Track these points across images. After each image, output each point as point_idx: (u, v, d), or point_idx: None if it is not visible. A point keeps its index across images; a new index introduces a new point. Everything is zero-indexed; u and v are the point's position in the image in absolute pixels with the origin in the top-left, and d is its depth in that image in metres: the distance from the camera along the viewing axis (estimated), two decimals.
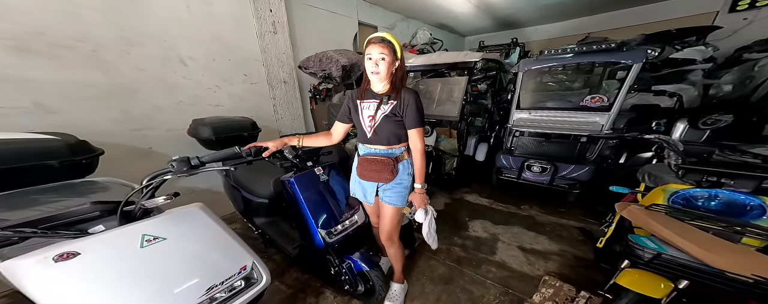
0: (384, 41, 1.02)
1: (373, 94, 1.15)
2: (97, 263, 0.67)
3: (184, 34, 2.06)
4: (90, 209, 0.70)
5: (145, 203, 0.77)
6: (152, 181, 0.79)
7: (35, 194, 1.04)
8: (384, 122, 1.13)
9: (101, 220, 0.74)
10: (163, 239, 0.77)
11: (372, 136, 1.17)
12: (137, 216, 0.80)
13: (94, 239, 0.70)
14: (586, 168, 2.23)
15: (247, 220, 1.99)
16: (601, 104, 2.21)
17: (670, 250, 0.92)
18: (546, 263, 1.79)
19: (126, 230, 0.75)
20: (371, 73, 1.06)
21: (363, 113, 1.18)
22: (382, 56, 1.02)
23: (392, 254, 1.39)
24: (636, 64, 1.99)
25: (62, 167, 1.15)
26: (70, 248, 0.65)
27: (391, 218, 1.26)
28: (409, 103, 1.09)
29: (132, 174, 1.59)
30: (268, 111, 2.82)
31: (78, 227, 0.71)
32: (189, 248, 0.81)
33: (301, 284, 1.64)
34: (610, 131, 2.20)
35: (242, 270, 0.87)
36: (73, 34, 1.58)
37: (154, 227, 0.78)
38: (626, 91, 2.08)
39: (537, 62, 2.41)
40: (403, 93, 1.10)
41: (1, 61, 1.38)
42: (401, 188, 1.21)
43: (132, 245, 0.73)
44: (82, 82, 1.64)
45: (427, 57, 2.97)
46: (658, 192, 1.30)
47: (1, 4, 1.36)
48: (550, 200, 2.65)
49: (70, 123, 1.60)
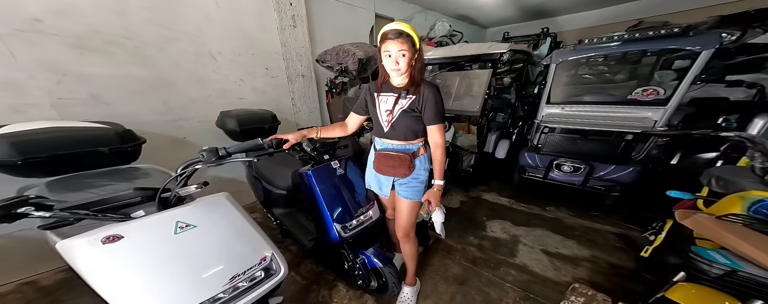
0: (402, 36, 0.95)
1: (391, 88, 1.12)
2: (138, 246, 0.74)
3: (213, 30, 2.17)
4: (133, 194, 0.77)
5: (179, 190, 0.83)
6: (185, 169, 0.86)
7: (89, 178, 1.18)
8: (401, 117, 1.10)
9: (142, 205, 0.82)
10: (194, 227, 0.84)
11: (389, 130, 1.15)
12: (172, 203, 0.87)
13: (136, 224, 0.78)
14: (629, 169, 2.01)
15: (267, 210, 2.09)
16: (656, 98, 1.95)
17: (749, 267, 0.81)
18: (574, 269, 1.68)
19: (163, 216, 0.82)
20: (391, 70, 1.02)
21: (380, 107, 1.15)
22: (402, 53, 0.97)
23: (407, 251, 1.38)
24: (705, 51, 1.70)
25: (111, 153, 1.28)
26: (116, 231, 0.73)
27: (408, 212, 1.25)
28: (429, 99, 1.05)
29: (168, 162, 1.74)
30: (287, 104, 2.91)
31: (122, 210, 0.79)
32: (216, 236, 0.87)
33: (315, 276, 1.69)
34: (666, 128, 1.94)
35: (263, 260, 0.92)
36: (121, 32, 1.73)
37: (186, 214, 0.85)
38: (690, 83, 1.81)
39: (574, 53, 2.19)
40: (423, 87, 1.05)
41: (66, 57, 1.56)
42: (417, 183, 1.19)
43: (168, 231, 0.80)
44: (129, 76, 1.81)
45: (448, 49, 2.84)
46: (733, 200, 1.12)
47: (64, 3, 1.52)
48: (580, 203, 2.46)
49: (119, 114, 1.77)
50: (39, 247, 1.52)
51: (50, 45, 1.50)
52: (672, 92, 1.87)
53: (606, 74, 2.36)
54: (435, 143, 1.10)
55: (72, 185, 1.11)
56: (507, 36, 5.30)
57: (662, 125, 1.93)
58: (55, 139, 1.12)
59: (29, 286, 1.57)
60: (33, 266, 1.62)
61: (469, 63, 2.77)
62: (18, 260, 1.56)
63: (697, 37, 1.75)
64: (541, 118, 2.45)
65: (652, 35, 1.84)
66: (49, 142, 1.10)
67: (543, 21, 5.34)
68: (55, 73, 1.54)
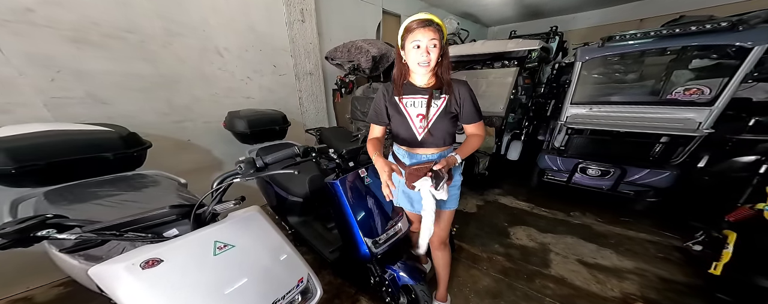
0: (432, 24, 0.86)
1: (416, 89, 1.00)
2: (179, 270, 0.64)
3: (220, 24, 2.03)
4: (169, 212, 0.65)
5: (216, 207, 0.72)
6: (222, 184, 0.74)
7: (93, 186, 1.04)
8: (439, 121, 0.99)
9: (175, 224, 0.70)
10: (233, 247, 0.72)
11: (425, 137, 1.02)
12: (207, 220, 0.75)
13: (174, 245, 0.67)
14: (666, 173, 1.91)
15: (280, 217, 1.96)
16: (700, 97, 1.83)
17: None
18: (621, 283, 1.56)
19: (200, 235, 0.71)
20: (418, 65, 0.90)
21: (409, 112, 1.02)
22: (433, 42, 0.86)
23: (440, 260, 1.29)
24: (758, 47, 1.58)
25: (116, 159, 1.15)
26: (154, 255, 0.62)
27: (447, 222, 1.17)
28: (465, 96, 0.97)
29: (172, 166, 1.60)
30: (294, 103, 2.78)
31: (154, 230, 0.68)
32: (255, 257, 0.76)
33: (335, 289, 1.57)
34: (712, 130, 1.82)
35: (300, 283, 0.81)
36: (123, 25, 1.58)
37: (224, 232, 0.74)
38: (740, 81, 1.68)
39: (603, 50, 2.07)
40: (455, 85, 0.97)
41: (60, 51, 1.40)
42: (455, 190, 1.11)
43: (207, 252, 0.69)
44: (130, 73, 1.65)
45: (470, 46, 2.73)
46: None
47: None
48: (607, 208, 2.37)
49: (119, 114, 1.62)
50: (33, 259, 1.37)
51: (43, 38, 1.34)
52: (719, 91, 1.75)
53: (638, 73, 2.25)
54: (478, 136, 1.02)
55: (75, 196, 0.97)
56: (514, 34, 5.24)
57: (707, 127, 1.82)
58: (52, 144, 0.98)
59: (22, 303, 1.42)
60: (26, 280, 1.46)
61: (490, 61, 2.67)
62: (8, 274, 1.39)
63: (749, 32, 1.63)
64: (566, 119, 2.35)
65: (695, 30, 1.72)
66: (46, 147, 0.96)
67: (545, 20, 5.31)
68: (49, 69, 1.38)
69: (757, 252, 1.20)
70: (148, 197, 1.05)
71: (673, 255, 1.79)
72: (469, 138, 1.02)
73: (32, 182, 0.96)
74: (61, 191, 0.98)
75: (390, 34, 3.94)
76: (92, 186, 1.04)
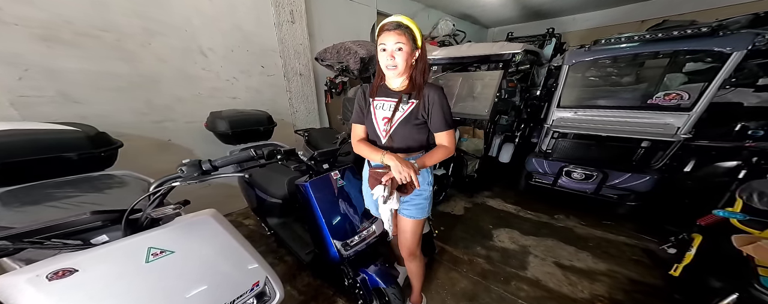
0: (400, 27, 0.84)
1: (389, 92, 0.98)
2: (96, 280, 0.60)
3: (204, 24, 2.00)
4: (90, 219, 0.62)
5: (151, 212, 0.69)
6: (160, 187, 0.70)
7: (51, 187, 1.01)
8: (402, 126, 0.96)
9: (106, 229, 0.67)
10: (171, 253, 0.69)
11: (387, 142, 1.00)
12: (144, 225, 0.72)
13: (95, 253, 0.63)
14: (646, 177, 1.92)
15: (260, 219, 1.94)
16: (679, 102, 1.84)
17: None
18: (591, 285, 1.57)
19: (130, 241, 0.67)
20: (387, 68, 0.89)
21: (376, 114, 1.00)
22: (399, 46, 0.84)
23: (413, 270, 1.26)
24: (737, 53, 1.59)
25: (80, 159, 1.12)
26: (67, 265, 0.58)
27: (412, 232, 1.12)
28: (434, 102, 0.92)
29: (151, 167, 1.57)
30: (284, 104, 2.75)
31: (81, 236, 0.64)
32: (198, 262, 0.73)
33: (312, 291, 1.56)
34: (690, 135, 1.84)
35: (255, 286, 0.79)
36: (98, 23, 1.55)
37: (161, 238, 0.71)
38: (718, 87, 1.70)
39: (590, 53, 2.07)
40: (426, 90, 0.93)
41: (29, 49, 1.38)
42: (421, 199, 1.06)
43: (136, 260, 0.65)
44: (105, 72, 1.63)
45: (456, 49, 2.72)
46: None
47: None
48: (591, 211, 2.37)
49: (93, 114, 1.60)
50: None
51: (10, 35, 1.31)
52: (697, 97, 1.77)
53: (623, 77, 2.25)
54: (444, 148, 0.96)
55: (29, 197, 0.94)
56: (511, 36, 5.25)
57: (685, 132, 1.83)
58: (10, 143, 0.96)
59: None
60: None
61: (477, 64, 2.66)
62: None
63: (728, 38, 1.64)
64: (551, 122, 2.35)
65: (677, 35, 1.73)
66: (2, 147, 0.94)
67: (545, 22, 5.30)
68: (16, 67, 1.35)
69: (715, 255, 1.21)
70: (110, 198, 1.03)
71: (646, 258, 1.80)
72: (436, 148, 0.97)
73: None
74: (16, 192, 0.96)
75: None
76: (51, 187, 1.01)
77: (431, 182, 1.07)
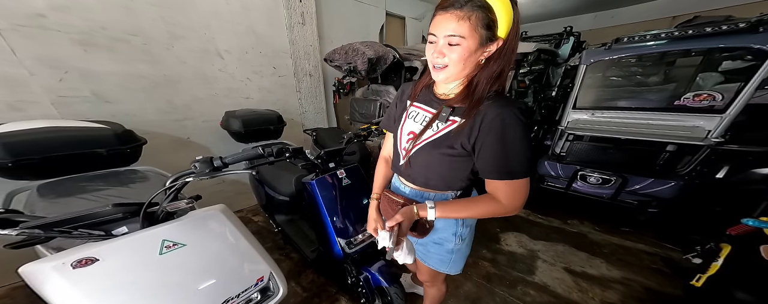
0: (466, 6, 0.50)
1: (430, 98, 0.69)
2: (115, 270, 0.66)
3: (221, 27, 2.10)
4: (112, 211, 0.68)
5: (166, 206, 0.74)
6: (175, 182, 0.76)
7: (83, 181, 1.12)
8: (427, 151, 0.67)
9: (126, 221, 0.74)
10: (183, 246, 0.75)
11: (404, 165, 0.73)
12: (160, 218, 0.78)
13: (114, 244, 0.69)
14: (671, 183, 1.80)
15: (268, 216, 2.01)
16: (711, 104, 1.70)
17: None
18: (603, 292, 1.51)
19: (147, 234, 0.73)
20: (433, 67, 0.60)
21: (405, 125, 0.74)
22: (454, 38, 0.52)
23: (431, 295, 1.14)
24: None
25: (109, 155, 1.22)
26: (90, 254, 0.64)
27: (433, 278, 0.96)
28: (493, 131, 0.57)
29: (170, 163, 1.68)
30: (294, 104, 2.83)
31: (103, 227, 0.71)
32: (207, 255, 0.78)
33: (316, 288, 1.60)
34: (721, 139, 1.69)
35: (259, 281, 0.83)
36: (128, 28, 1.68)
37: (174, 231, 0.76)
38: (756, 87, 1.56)
39: (610, 52, 1.96)
40: (486, 108, 0.58)
41: (69, 53, 1.51)
42: (442, 251, 0.81)
43: (151, 251, 0.71)
44: (133, 73, 1.75)
45: None
46: None
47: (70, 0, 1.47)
48: (607, 217, 2.26)
49: (122, 112, 1.73)
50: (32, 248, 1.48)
51: (53, 41, 1.45)
52: (732, 98, 1.62)
53: (648, 77, 2.11)
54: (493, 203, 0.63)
55: (64, 189, 1.05)
56: (525, 35, 5.07)
57: (717, 136, 1.69)
58: (48, 139, 1.06)
59: (21, 290, 1.45)
60: None
61: None
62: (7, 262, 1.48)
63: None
64: (566, 124, 2.25)
65: (710, 32, 1.59)
66: (42, 143, 1.04)
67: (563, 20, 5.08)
68: (57, 69, 1.49)
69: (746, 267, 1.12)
70: (133, 192, 1.12)
71: (666, 267, 1.70)
72: (478, 198, 0.66)
73: (28, 175, 1.05)
74: (53, 184, 1.06)
75: (393, 36, 3.93)
76: (83, 181, 1.12)
77: (462, 234, 0.79)
